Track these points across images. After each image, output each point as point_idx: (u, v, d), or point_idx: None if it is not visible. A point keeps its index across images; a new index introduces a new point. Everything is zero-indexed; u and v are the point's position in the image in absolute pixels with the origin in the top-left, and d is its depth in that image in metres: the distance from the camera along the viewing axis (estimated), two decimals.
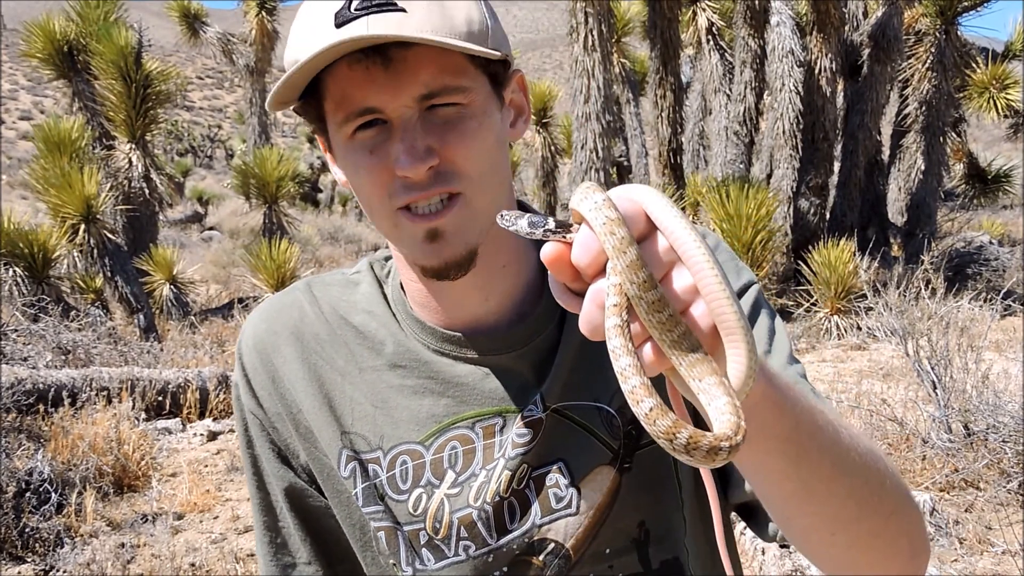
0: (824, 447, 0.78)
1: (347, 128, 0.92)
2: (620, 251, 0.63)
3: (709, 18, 10.33)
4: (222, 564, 3.70)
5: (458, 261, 0.94)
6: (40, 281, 7.86)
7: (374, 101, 0.89)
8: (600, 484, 1.00)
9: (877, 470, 0.83)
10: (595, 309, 0.66)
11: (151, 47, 10.36)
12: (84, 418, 4.83)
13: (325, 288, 1.10)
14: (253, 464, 1.09)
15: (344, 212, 23.42)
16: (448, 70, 0.90)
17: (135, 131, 9.77)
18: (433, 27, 0.86)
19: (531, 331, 1.02)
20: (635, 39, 12.60)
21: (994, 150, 17.53)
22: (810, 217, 9.47)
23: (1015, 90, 10.84)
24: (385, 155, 0.91)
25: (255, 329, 1.09)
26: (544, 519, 1.01)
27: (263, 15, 14.10)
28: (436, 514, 1.01)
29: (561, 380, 1.01)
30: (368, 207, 0.97)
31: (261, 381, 1.07)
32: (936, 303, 4.96)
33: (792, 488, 0.79)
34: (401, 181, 0.91)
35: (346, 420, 1.04)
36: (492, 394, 1.02)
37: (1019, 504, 3.87)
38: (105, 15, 9.92)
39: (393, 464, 1.02)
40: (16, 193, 23.37)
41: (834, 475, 0.79)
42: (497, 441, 1.01)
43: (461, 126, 0.91)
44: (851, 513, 0.81)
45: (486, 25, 0.92)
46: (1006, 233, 12.73)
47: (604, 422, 1.01)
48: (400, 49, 0.87)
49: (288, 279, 8.65)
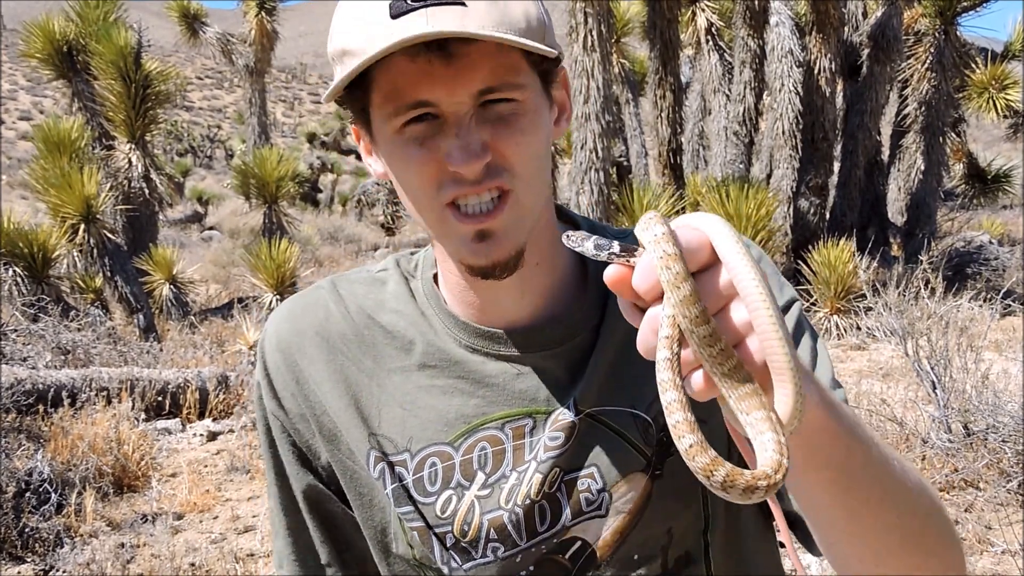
0: (875, 477, 0.78)
1: (397, 121, 0.89)
2: (674, 286, 0.65)
3: (708, 18, 10.33)
4: (222, 564, 3.70)
5: (506, 261, 0.93)
6: (40, 281, 7.86)
7: (429, 95, 0.87)
8: (632, 491, 0.99)
9: (925, 505, 0.83)
10: (650, 333, 0.67)
11: (151, 47, 10.35)
12: (84, 418, 4.83)
13: (351, 286, 1.08)
14: (276, 466, 1.08)
15: (344, 212, 23.41)
16: (506, 67, 0.88)
17: (135, 131, 9.77)
18: (494, 22, 0.85)
19: (567, 332, 1.01)
20: (635, 39, 12.59)
21: (994, 150, 17.54)
22: (810, 217, 9.47)
23: (1014, 90, 10.84)
24: (436, 148, 0.89)
25: (278, 328, 1.07)
26: (574, 521, 0.99)
27: (263, 15, 14.08)
28: (466, 516, 0.99)
29: (596, 384, 0.99)
30: (414, 201, 0.94)
31: (284, 382, 1.05)
32: (936, 303, 4.96)
33: (838, 515, 0.79)
34: (452, 176, 0.89)
35: (373, 422, 1.02)
36: (522, 395, 1.00)
37: (1019, 504, 3.87)
38: (105, 15, 9.92)
39: (421, 466, 1.00)
40: (16, 193, 23.36)
41: (883, 507, 0.79)
42: (527, 443, 1.00)
43: (515, 123, 0.90)
44: (895, 545, 0.81)
45: (543, 21, 0.91)
46: (1006, 233, 12.73)
47: (639, 429, 0.99)
48: (461, 44, 0.85)
49: (288, 279, 8.65)
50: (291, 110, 62.62)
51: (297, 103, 65.25)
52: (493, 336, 1.01)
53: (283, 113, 59.37)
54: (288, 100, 65.66)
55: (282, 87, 67.53)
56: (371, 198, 21.19)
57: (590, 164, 8.21)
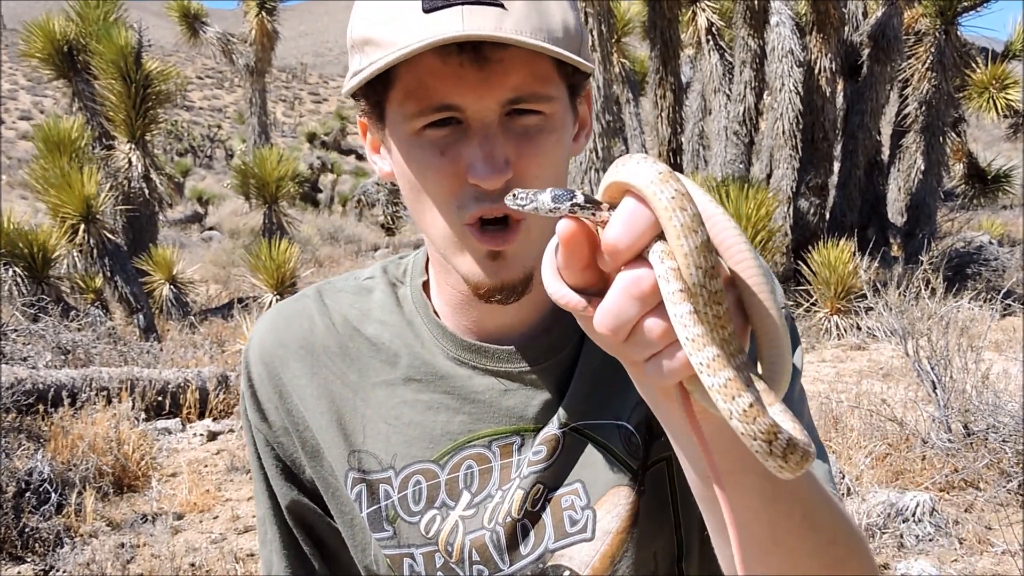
0: (798, 493, 0.73)
1: (417, 122, 0.84)
2: (691, 230, 0.56)
3: (709, 18, 10.32)
4: (222, 564, 3.69)
5: (514, 283, 0.89)
6: (40, 281, 7.86)
7: (457, 99, 0.82)
8: (616, 507, 0.95)
9: (844, 533, 0.79)
10: (629, 302, 0.58)
11: (151, 47, 10.35)
12: (84, 418, 4.83)
13: (336, 295, 1.04)
14: (263, 478, 1.05)
15: (344, 212, 23.40)
16: (538, 76, 0.84)
17: (135, 131, 9.76)
18: (532, 28, 0.80)
19: (555, 344, 0.97)
20: (635, 39, 12.59)
21: (994, 150, 17.53)
22: (810, 217, 9.47)
23: (1015, 90, 10.83)
24: (457, 158, 0.84)
25: (262, 341, 1.03)
26: (558, 543, 0.95)
27: (263, 15, 14.10)
28: (449, 537, 0.95)
29: (581, 396, 0.96)
30: (425, 211, 0.89)
31: (267, 395, 1.02)
32: (936, 303, 4.96)
33: (760, 533, 0.73)
34: (472, 190, 0.84)
35: (357, 438, 0.98)
36: (510, 412, 0.96)
37: (1019, 504, 3.87)
38: (105, 15, 9.92)
39: (406, 484, 0.97)
40: (16, 193, 23.35)
41: (804, 527, 0.74)
42: (514, 460, 0.96)
43: (539, 139, 0.85)
44: (812, 573, 0.75)
45: (580, 32, 0.87)
46: (1006, 233, 12.73)
47: (623, 440, 0.95)
48: (496, 49, 0.80)
49: (288, 279, 8.64)
50: (291, 110, 62.61)
51: (297, 103, 65.25)
52: (481, 350, 0.97)
53: (283, 113, 59.37)
54: (288, 100, 65.65)
55: (282, 87, 67.53)
56: (371, 198, 21.17)
57: (590, 164, 8.21)
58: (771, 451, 0.55)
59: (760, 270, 0.60)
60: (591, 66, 0.87)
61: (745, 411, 0.55)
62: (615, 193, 0.61)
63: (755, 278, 0.59)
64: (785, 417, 0.59)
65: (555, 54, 0.81)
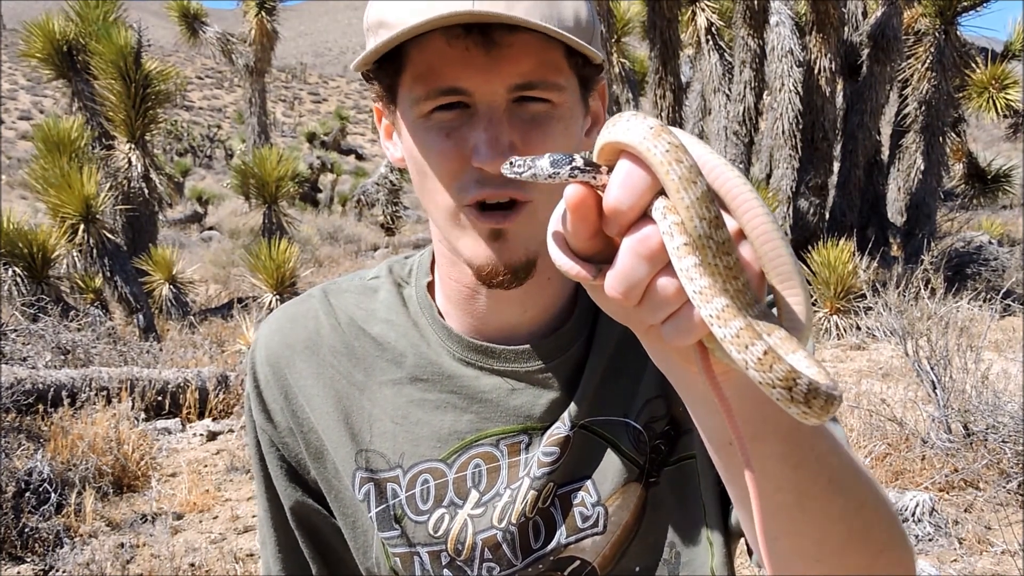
0: (823, 457, 0.72)
1: (425, 106, 0.85)
2: (689, 181, 0.54)
3: (708, 18, 10.32)
4: (222, 564, 3.69)
5: (516, 267, 0.89)
6: (39, 281, 7.85)
7: (465, 82, 0.83)
8: (627, 501, 0.96)
9: (873, 499, 0.77)
10: (637, 262, 0.57)
11: (151, 47, 10.35)
12: (84, 418, 4.83)
13: (341, 296, 1.05)
14: (265, 479, 1.05)
15: (344, 212, 23.40)
16: (547, 64, 0.84)
17: (135, 131, 9.76)
18: (542, 14, 0.80)
19: (562, 344, 0.98)
20: (635, 39, 12.58)
21: (994, 150, 17.53)
22: (809, 217, 9.47)
23: (1014, 90, 10.83)
24: (462, 141, 0.85)
25: (268, 341, 1.04)
26: (570, 538, 0.96)
27: (262, 15, 14.09)
28: (459, 535, 0.96)
29: (589, 395, 0.96)
30: (430, 193, 0.90)
31: (273, 396, 1.02)
32: (936, 303, 4.96)
33: (784, 500, 0.72)
34: (475, 173, 0.85)
35: (364, 437, 0.99)
36: (517, 411, 0.97)
37: (1019, 504, 3.87)
38: (104, 15, 9.91)
39: (413, 483, 0.97)
40: (16, 193, 23.34)
41: (830, 490, 0.73)
42: (522, 459, 0.96)
43: (547, 126, 0.85)
44: (841, 539, 0.74)
45: (593, 23, 0.87)
46: (1006, 233, 12.72)
47: (631, 438, 0.96)
48: (504, 33, 0.81)
49: (288, 279, 8.64)
50: (291, 110, 62.62)
51: (297, 103, 65.26)
52: (486, 350, 0.97)
53: (283, 113, 59.38)
54: (288, 100, 65.66)
55: (282, 87, 67.53)
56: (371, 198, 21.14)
57: None
58: (792, 397, 0.53)
59: (768, 216, 0.58)
60: (600, 55, 0.87)
61: (760, 359, 0.53)
62: (610, 154, 0.60)
63: (764, 225, 0.58)
64: (809, 362, 0.57)
65: (562, 37, 0.81)
